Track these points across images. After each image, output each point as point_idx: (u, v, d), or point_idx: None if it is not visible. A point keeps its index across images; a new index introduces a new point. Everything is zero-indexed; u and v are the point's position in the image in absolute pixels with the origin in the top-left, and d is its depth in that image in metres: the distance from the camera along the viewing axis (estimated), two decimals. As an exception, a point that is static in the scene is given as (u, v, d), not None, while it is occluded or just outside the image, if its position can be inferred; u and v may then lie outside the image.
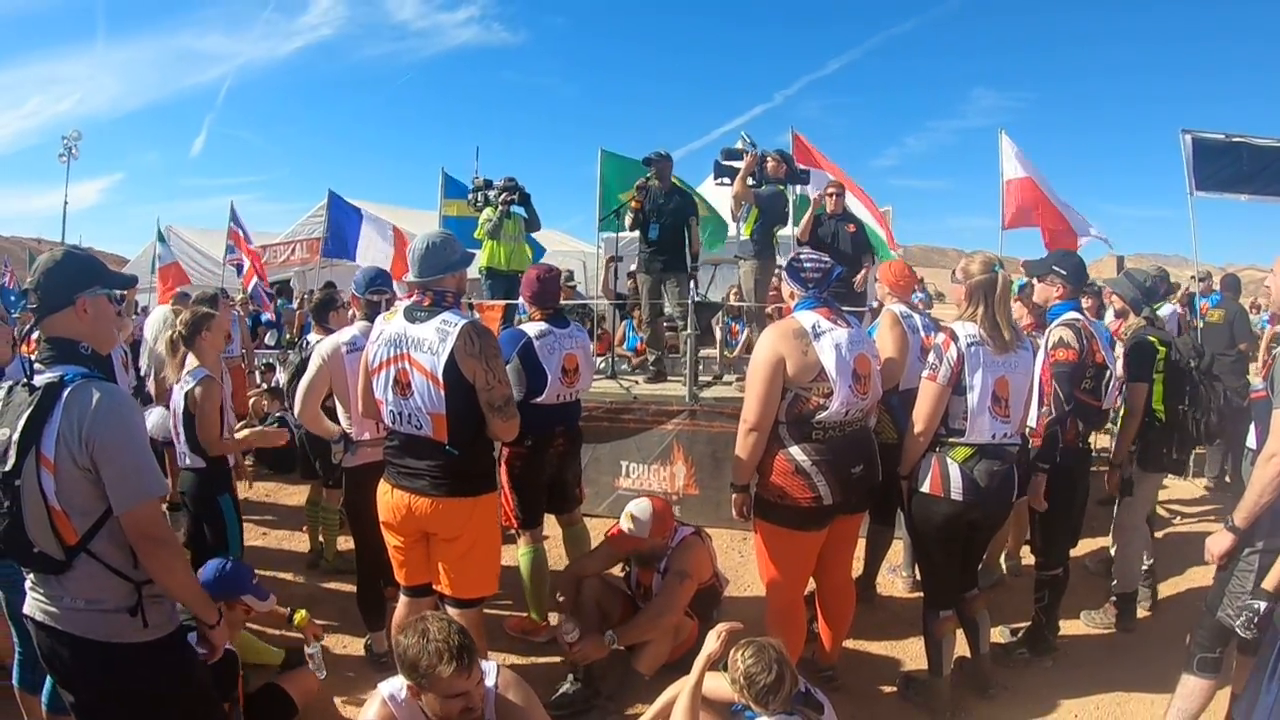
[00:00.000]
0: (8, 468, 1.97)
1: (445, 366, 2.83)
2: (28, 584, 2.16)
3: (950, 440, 3.30)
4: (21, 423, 1.97)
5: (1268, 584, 2.32)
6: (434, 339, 2.86)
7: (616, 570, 4.10)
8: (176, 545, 2.19)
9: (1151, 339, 4.13)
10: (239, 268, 12.62)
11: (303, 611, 3.45)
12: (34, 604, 2.13)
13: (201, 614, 2.30)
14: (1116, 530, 4.44)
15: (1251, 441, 3.16)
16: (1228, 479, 6.79)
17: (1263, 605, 2.23)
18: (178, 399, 3.74)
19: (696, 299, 6.17)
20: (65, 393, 2.00)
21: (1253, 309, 15.82)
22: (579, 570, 4.00)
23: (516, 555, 4.10)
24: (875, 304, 6.04)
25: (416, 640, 2.22)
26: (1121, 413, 4.29)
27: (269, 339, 11.85)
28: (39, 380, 2.05)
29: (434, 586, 3.13)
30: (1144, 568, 4.45)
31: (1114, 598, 4.39)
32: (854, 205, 7.93)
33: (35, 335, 2.23)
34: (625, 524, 3.70)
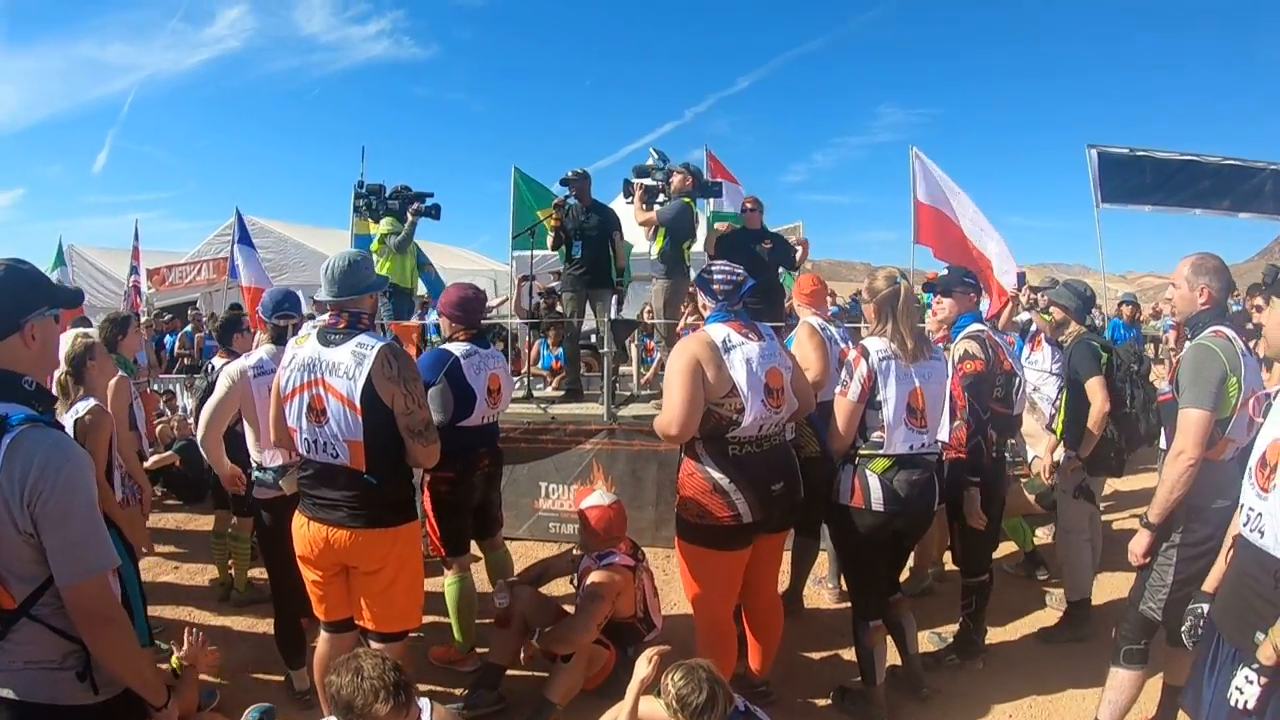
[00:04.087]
0: None
1: (363, 391, 2.73)
2: None
3: (868, 453, 3.34)
4: None
5: (1207, 586, 2.41)
6: (350, 363, 2.76)
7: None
8: (124, 622, 1.92)
9: (1094, 344, 4.20)
10: (138, 288, 12.15)
11: (175, 658, 3.10)
12: None
13: (150, 696, 2.01)
14: (1063, 537, 4.47)
15: (1164, 442, 3.30)
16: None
17: (1204, 608, 2.31)
18: (67, 428, 3.50)
19: (612, 317, 6.16)
20: (6, 440, 1.72)
21: (1154, 314, 16.75)
22: (543, 569, 4.12)
23: (443, 584, 3.99)
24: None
25: (350, 679, 2.12)
26: (1061, 416, 4.34)
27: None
28: None
29: (356, 621, 3.01)
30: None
31: (1067, 606, 4.39)
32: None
33: None
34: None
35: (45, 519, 1.74)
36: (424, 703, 2.37)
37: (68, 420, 3.50)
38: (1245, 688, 1.97)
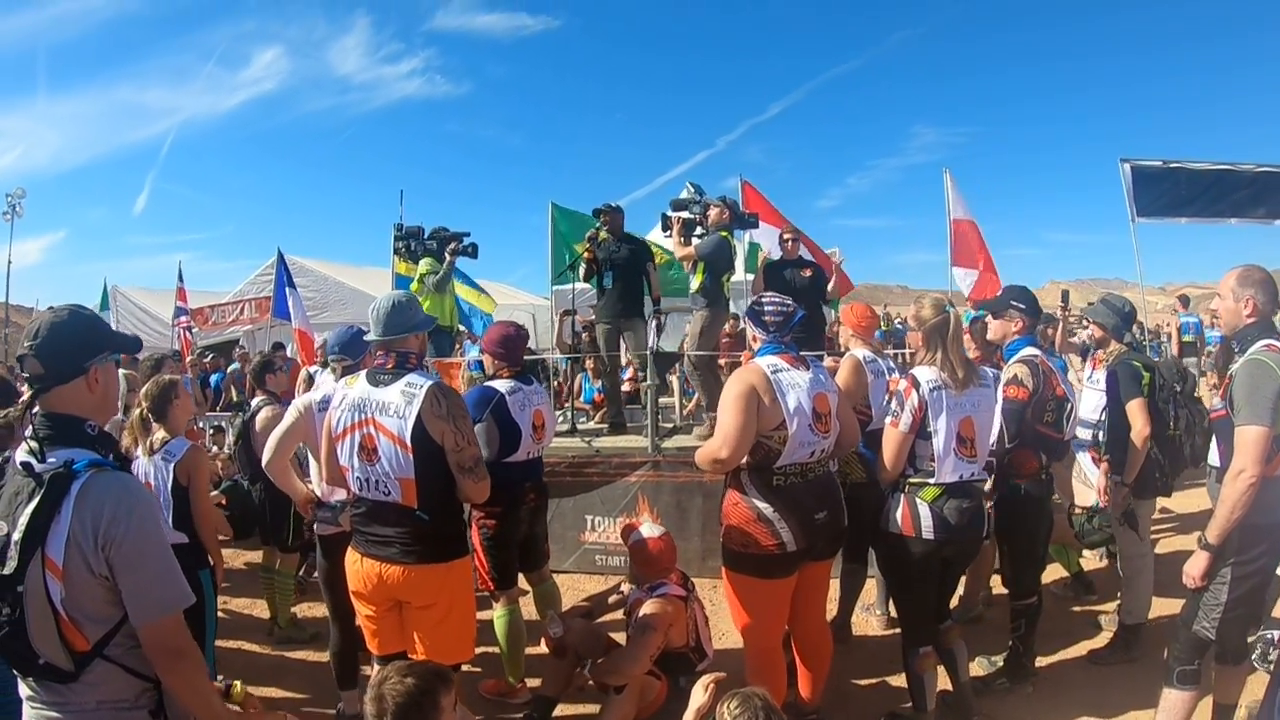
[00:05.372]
0: (8, 571, 1.68)
1: (413, 429, 2.77)
2: (23, 691, 1.85)
3: (918, 481, 3.32)
4: (24, 519, 1.69)
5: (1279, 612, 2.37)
6: (399, 402, 2.81)
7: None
8: (198, 657, 1.92)
9: (1136, 363, 4.07)
10: (189, 329, 12.42)
11: (238, 684, 3.14)
12: (33, 714, 1.84)
13: None
14: (1124, 562, 4.40)
15: (1214, 459, 3.22)
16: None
17: (1276, 634, 2.26)
18: (163, 473, 3.58)
19: (653, 349, 6.16)
20: (75, 486, 1.73)
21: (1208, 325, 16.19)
22: (593, 603, 4.15)
23: (492, 617, 4.02)
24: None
25: (373, 706, 2.20)
26: (1102, 438, 4.24)
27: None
28: (40, 468, 1.75)
29: (409, 655, 3.03)
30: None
31: (1119, 628, 4.30)
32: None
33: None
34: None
35: (121, 561, 1.75)
36: None
37: (166, 464, 3.60)
38: None
